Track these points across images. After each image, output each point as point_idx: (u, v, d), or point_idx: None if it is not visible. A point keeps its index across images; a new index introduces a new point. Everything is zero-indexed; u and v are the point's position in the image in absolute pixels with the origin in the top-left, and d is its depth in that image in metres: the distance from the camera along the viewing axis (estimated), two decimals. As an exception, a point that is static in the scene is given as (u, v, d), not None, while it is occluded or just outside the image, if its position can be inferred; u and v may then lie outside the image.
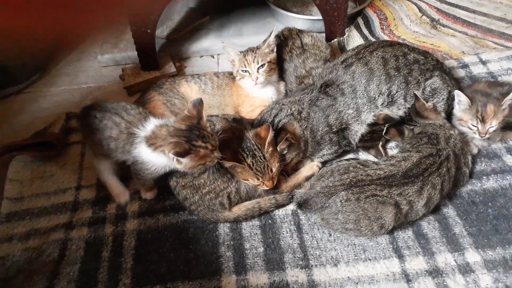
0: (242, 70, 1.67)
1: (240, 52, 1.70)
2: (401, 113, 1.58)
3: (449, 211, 1.43)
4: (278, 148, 1.44)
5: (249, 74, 1.66)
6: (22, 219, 1.50)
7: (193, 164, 1.26)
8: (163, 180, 1.50)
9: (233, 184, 1.44)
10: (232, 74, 1.82)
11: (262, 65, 1.66)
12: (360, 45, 1.64)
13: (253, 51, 1.68)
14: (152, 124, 1.35)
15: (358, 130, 1.56)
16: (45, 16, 0.40)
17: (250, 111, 1.75)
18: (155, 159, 1.33)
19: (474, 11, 2.39)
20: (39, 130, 1.81)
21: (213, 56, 2.31)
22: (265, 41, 1.70)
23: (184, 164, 1.26)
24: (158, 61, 2.14)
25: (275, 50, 1.73)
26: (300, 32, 1.89)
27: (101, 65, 2.28)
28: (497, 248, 1.31)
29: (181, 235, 1.43)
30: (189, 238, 1.42)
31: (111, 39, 2.31)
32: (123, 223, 1.47)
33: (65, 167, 1.69)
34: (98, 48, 2.32)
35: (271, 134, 1.38)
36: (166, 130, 1.28)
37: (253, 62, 1.65)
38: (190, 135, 1.24)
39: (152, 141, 1.30)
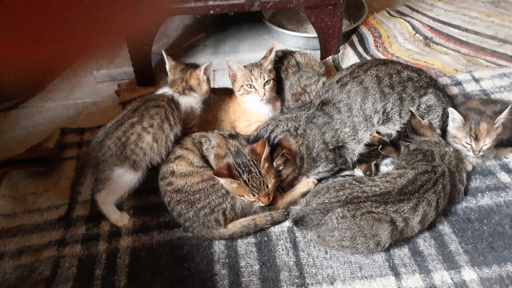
0: (247, 85, 1.66)
1: (245, 67, 1.69)
2: (397, 128, 1.59)
3: (445, 228, 1.43)
4: (274, 164, 1.43)
5: (255, 90, 1.65)
6: (14, 235, 1.48)
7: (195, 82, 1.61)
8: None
9: (228, 200, 1.43)
10: (228, 90, 1.83)
11: (268, 82, 1.66)
12: (354, 64, 1.66)
13: (258, 67, 1.66)
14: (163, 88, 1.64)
15: (355, 149, 1.57)
16: (42, 45, 0.40)
17: (246, 127, 1.75)
18: (191, 101, 1.62)
19: (466, 30, 2.44)
20: (33, 145, 1.80)
21: (209, 72, 2.33)
22: (265, 57, 1.70)
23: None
24: (154, 77, 2.15)
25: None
26: (293, 52, 1.91)
27: (97, 80, 2.28)
28: (493, 265, 1.31)
29: (175, 253, 1.41)
30: (183, 256, 1.40)
31: (107, 55, 2.32)
32: (117, 240, 1.46)
33: (59, 182, 1.67)
34: (94, 63, 2.32)
35: (267, 149, 1.38)
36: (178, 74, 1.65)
37: (260, 77, 1.63)
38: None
39: (177, 86, 1.60)
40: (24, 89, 2.17)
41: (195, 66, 1.65)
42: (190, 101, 1.62)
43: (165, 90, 1.61)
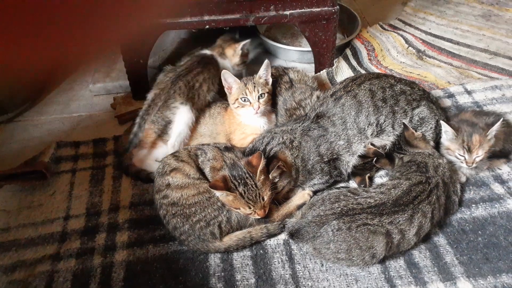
0: (242, 99, 1.68)
1: (241, 80, 1.71)
2: (391, 139, 1.60)
3: (440, 239, 1.43)
4: (270, 176, 1.44)
5: (250, 103, 1.67)
6: (8, 250, 1.47)
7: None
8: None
9: (224, 213, 1.43)
10: (224, 103, 1.84)
11: (262, 95, 1.68)
12: (348, 78, 1.68)
13: (252, 81, 1.69)
14: (204, 50, 2.04)
15: (349, 160, 1.58)
16: (40, 48, 0.40)
17: (241, 139, 1.76)
18: (225, 63, 2.02)
19: (458, 43, 2.48)
20: (28, 159, 1.80)
21: (204, 86, 2.34)
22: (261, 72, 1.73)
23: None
24: (150, 90, 2.16)
25: (270, 82, 1.75)
26: (286, 69, 1.94)
27: (93, 94, 2.29)
28: (488, 277, 1.31)
29: (171, 266, 1.40)
30: (179, 270, 1.39)
31: (103, 68, 2.33)
32: (112, 254, 1.45)
33: (54, 196, 1.66)
34: (90, 77, 2.33)
35: (262, 162, 1.38)
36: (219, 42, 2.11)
37: (254, 91, 1.66)
38: None
39: (215, 50, 2.01)
40: (20, 102, 2.17)
41: (236, 41, 2.05)
42: (225, 63, 2.01)
43: (206, 52, 2.01)
